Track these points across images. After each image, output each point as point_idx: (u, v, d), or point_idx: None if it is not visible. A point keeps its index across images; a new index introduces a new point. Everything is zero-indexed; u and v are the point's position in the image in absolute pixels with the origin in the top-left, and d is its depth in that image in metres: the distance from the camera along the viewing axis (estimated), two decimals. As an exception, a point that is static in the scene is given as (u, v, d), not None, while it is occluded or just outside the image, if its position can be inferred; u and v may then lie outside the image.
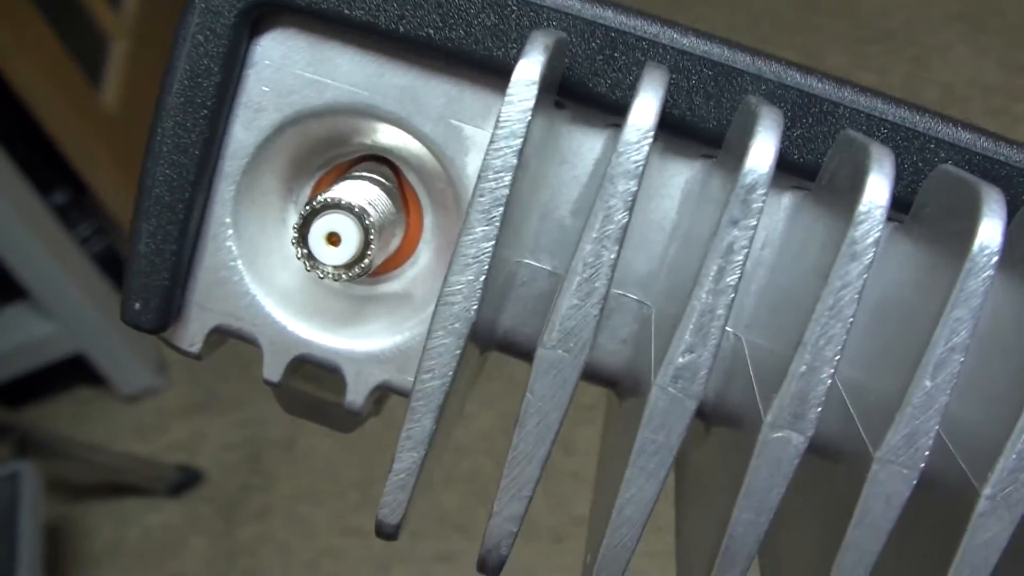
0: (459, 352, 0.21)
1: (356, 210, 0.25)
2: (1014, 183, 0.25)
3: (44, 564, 1.13)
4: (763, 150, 0.21)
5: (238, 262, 0.27)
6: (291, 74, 0.26)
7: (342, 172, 0.28)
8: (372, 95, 0.26)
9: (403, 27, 0.25)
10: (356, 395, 0.28)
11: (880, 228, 0.21)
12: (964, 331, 0.21)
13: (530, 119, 0.21)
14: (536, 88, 0.21)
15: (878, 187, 0.21)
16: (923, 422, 0.21)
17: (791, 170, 0.25)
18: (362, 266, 0.25)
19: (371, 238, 0.25)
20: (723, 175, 0.23)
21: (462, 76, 0.26)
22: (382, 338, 0.27)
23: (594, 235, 0.21)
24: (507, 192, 0.21)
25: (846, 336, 0.21)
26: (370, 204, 0.26)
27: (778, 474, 0.21)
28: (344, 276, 0.25)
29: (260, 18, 0.26)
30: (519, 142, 0.21)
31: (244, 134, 0.27)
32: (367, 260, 0.25)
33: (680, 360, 0.21)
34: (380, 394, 0.28)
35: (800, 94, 0.25)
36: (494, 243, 0.21)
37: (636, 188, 0.21)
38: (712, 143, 0.25)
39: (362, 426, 0.30)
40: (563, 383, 0.22)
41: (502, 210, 0.21)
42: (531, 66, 0.21)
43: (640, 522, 0.22)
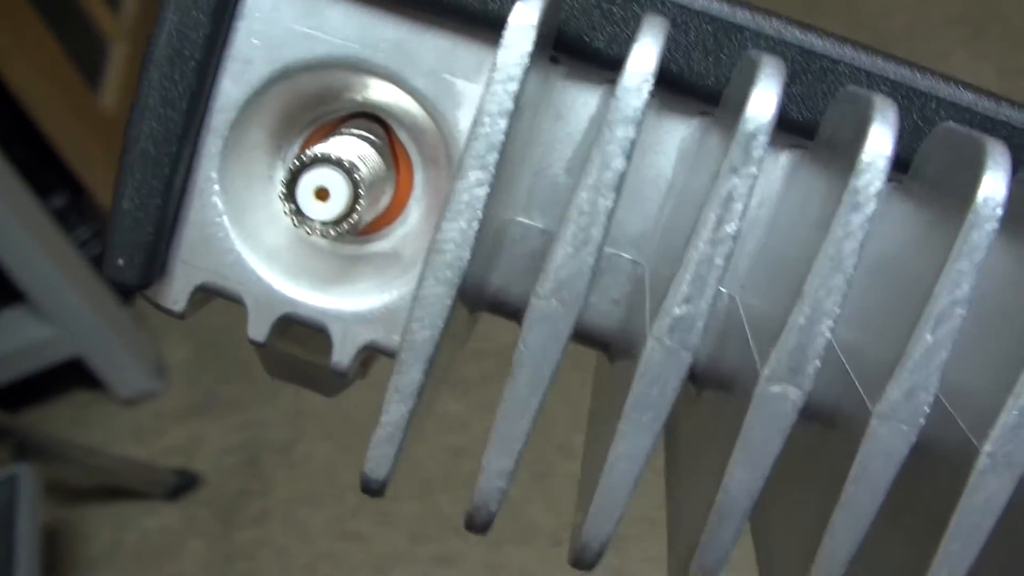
0: (450, 302, 0.21)
1: (346, 165, 0.25)
2: (1015, 144, 0.25)
3: (42, 567, 1.12)
4: (766, 97, 0.20)
5: (224, 218, 0.27)
6: (281, 27, 0.26)
7: (332, 129, 0.27)
8: (363, 48, 0.26)
9: None
10: (342, 355, 0.27)
11: (883, 178, 0.20)
12: (966, 284, 0.20)
13: (527, 64, 0.20)
14: (534, 32, 0.20)
15: (882, 136, 0.20)
16: (924, 377, 0.21)
17: (789, 128, 0.25)
18: (350, 222, 0.25)
19: (360, 194, 0.25)
20: (721, 130, 0.22)
21: (455, 30, 0.25)
22: (370, 297, 0.27)
23: (591, 182, 0.20)
24: (503, 138, 0.20)
25: (847, 288, 0.20)
26: (360, 159, 0.25)
27: (775, 429, 0.21)
28: (332, 232, 0.25)
29: None
30: (516, 86, 0.20)
31: (232, 88, 0.26)
32: (355, 216, 0.25)
33: (676, 311, 0.21)
34: (367, 355, 0.27)
35: (800, 51, 0.24)
36: (488, 190, 0.21)
37: (635, 135, 0.20)
38: (710, 100, 0.25)
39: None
40: (556, 334, 0.21)
41: (497, 156, 0.20)
42: (529, 10, 0.20)
43: (632, 478, 0.21)
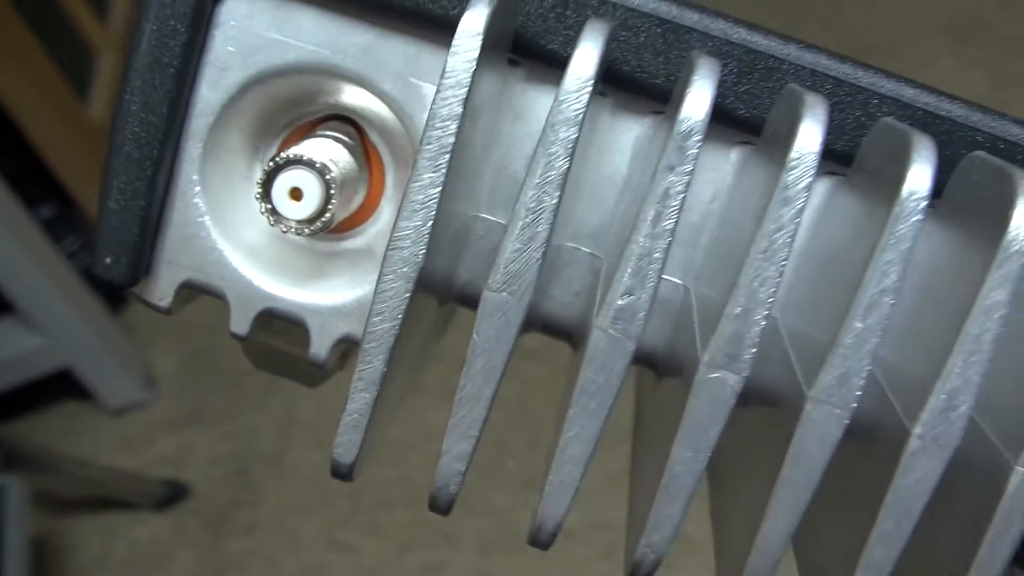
0: (408, 295, 0.22)
1: (318, 166, 0.26)
2: (956, 137, 0.26)
3: (30, 578, 1.13)
4: (698, 98, 0.22)
5: (206, 218, 0.28)
6: (255, 34, 0.27)
7: (307, 131, 0.29)
8: (333, 54, 0.27)
9: None
10: (320, 347, 0.28)
11: (812, 173, 0.21)
12: (894, 273, 0.21)
13: (475, 69, 0.21)
14: (480, 39, 0.21)
15: (810, 133, 0.21)
16: (855, 362, 0.22)
17: (739, 125, 0.26)
18: (323, 220, 0.26)
19: (332, 193, 0.26)
20: (667, 128, 0.24)
21: (420, 35, 0.27)
22: (344, 292, 0.28)
23: (536, 181, 0.22)
24: (453, 140, 0.22)
25: (779, 278, 0.22)
26: (332, 161, 0.26)
27: (715, 413, 0.22)
28: (306, 230, 0.26)
29: None
30: (464, 91, 0.21)
31: (210, 93, 0.27)
32: (328, 215, 0.26)
33: (619, 302, 0.22)
34: (344, 347, 0.29)
35: (746, 51, 0.26)
36: (440, 189, 0.22)
37: (576, 135, 0.21)
38: (662, 99, 0.26)
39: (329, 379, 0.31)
40: (507, 324, 0.22)
41: (448, 157, 0.22)
42: (476, 17, 0.22)
43: (583, 460, 0.23)
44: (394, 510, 1.28)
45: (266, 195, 0.26)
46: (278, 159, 0.26)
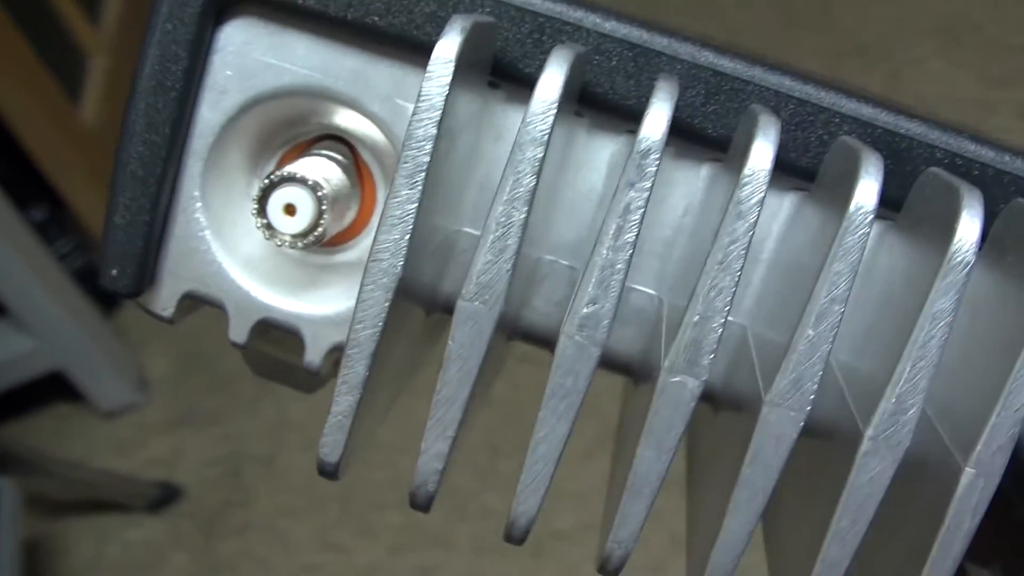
0: (387, 304, 0.24)
1: (310, 183, 0.27)
2: (915, 154, 0.27)
3: (23, 581, 1.13)
4: (656, 118, 0.23)
5: (206, 232, 0.30)
6: (252, 59, 0.29)
7: (303, 149, 0.30)
8: (325, 78, 0.29)
9: (351, 14, 0.27)
10: (314, 355, 0.30)
11: (763, 189, 0.23)
12: (843, 283, 0.23)
13: (448, 93, 0.23)
14: (452, 65, 0.23)
15: (762, 151, 0.23)
16: (808, 367, 0.23)
17: (708, 143, 0.27)
18: (316, 235, 0.28)
19: (324, 209, 0.28)
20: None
21: (407, 59, 0.28)
22: (337, 303, 0.30)
23: (505, 197, 0.23)
24: (428, 160, 0.23)
25: (735, 288, 0.23)
26: (324, 179, 0.28)
27: (676, 415, 0.24)
28: (300, 244, 0.28)
29: (223, 7, 0.28)
30: (438, 114, 0.23)
31: (210, 114, 0.29)
32: (320, 229, 0.28)
33: (584, 311, 0.23)
34: (337, 355, 0.30)
35: (713, 73, 0.27)
36: (417, 205, 0.23)
37: (542, 154, 0.23)
38: (634, 119, 0.27)
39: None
40: (480, 332, 0.24)
41: (424, 175, 0.23)
42: (448, 45, 0.23)
43: (552, 459, 0.24)
44: (386, 512, 1.29)
45: (262, 210, 0.28)
46: (273, 177, 0.27)
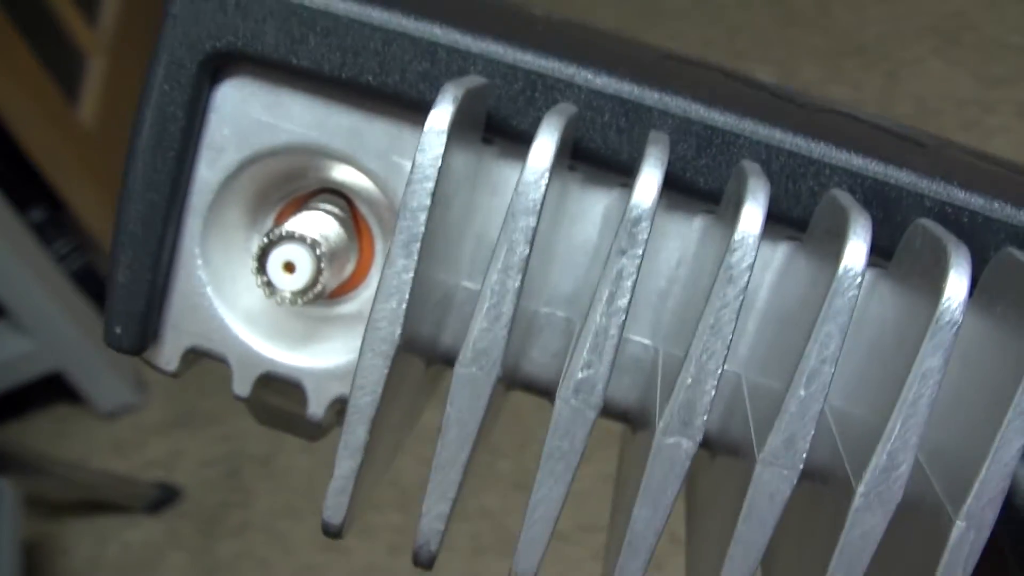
0: (387, 371, 0.24)
1: (308, 241, 0.28)
2: (904, 203, 0.27)
3: (22, 582, 1.14)
4: (646, 185, 0.23)
5: (207, 289, 0.30)
6: (249, 117, 0.29)
7: (301, 203, 0.31)
8: (322, 135, 0.29)
9: (345, 74, 0.28)
10: (317, 408, 0.30)
11: (753, 254, 0.23)
12: (833, 345, 0.23)
13: (441, 165, 0.23)
14: (445, 136, 0.23)
15: (751, 216, 0.23)
16: (800, 427, 0.23)
17: (700, 195, 0.28)
18: (315, 291, 0.28)
19: (322, 266, 0.28)
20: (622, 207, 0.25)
21: (401, 117, 0.29)
22: (338, 355, 0.30)
23: (499, 266, 0.24)
24: (423, 230, 0.23)
25: (727, 351, 0.23)
26: (322, 235, 0.28)
27: (672, 475, 0.24)
28: (300, 301, 0.28)
29: (219, 67, 0.29)
30: (431, 184, 0.23)
31: (208, 173, 0.29)
32: (320, 286, 0.28)
33: (579, 375, 0.24)
34: (339, 406, 0.31)
35: (704, 127, 0.27)
36: (413, 274, 0.24)
37: (535, 223, 0.23)
38: (626, 173, 0.28)
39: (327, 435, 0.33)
40: (478, 397, 0.24)
41: (419, 245, 0.24)
42: (441, 116, 0.23)
43: (551, 519, 0.24)
44: (385, 512, 1.28)
45: (261, 269, 0.28)
46: (271, 235, 0.28)
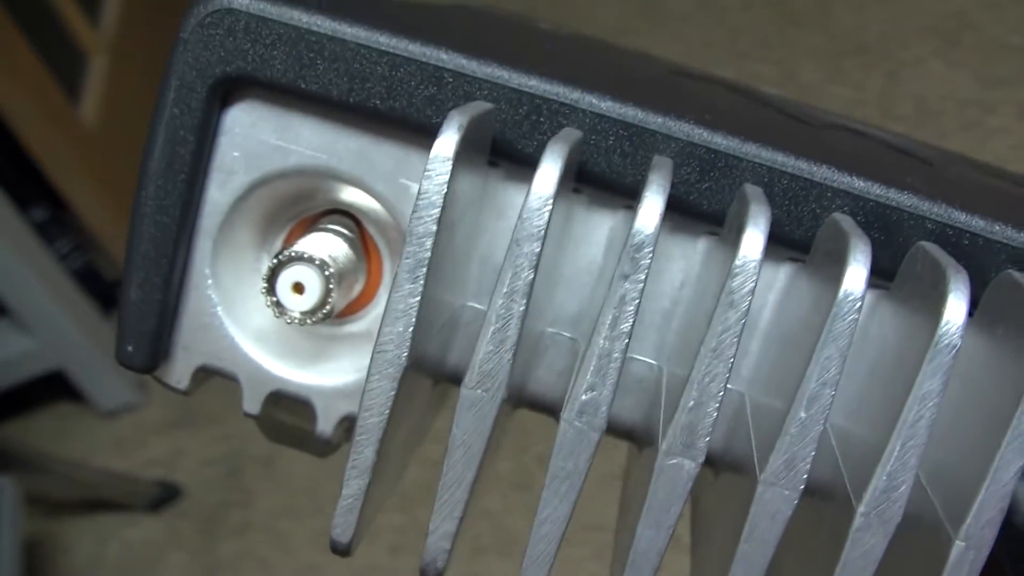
0: (393, 393, 0.24)
1: (317, 262, 0.28)
2: (906, 225, 0.28)
3: (23, 579, 1.14)
4: (649, 212, 0.24)
5: (218, 308, 0.31)
6: (258, 140, 0.30)
7: (310, 223, 0.31)
8: (330, 158, 0.29)
9: (353, 98, 0.28)
10: (326, 425, 0.31)
11: (754, 278, 0.23)
12: (834, 368, 0.23)
13: (447, 191, 0.24)
14: (451, 163, 0.24)
15: (753, 242, 0.23)
16: (800, 448, 0.24)
17: (704, 218, 0.28)
18: (324, 312, 0.29)
19: (331, 287, 0.28)
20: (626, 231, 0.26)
21: (408, 140, 0.29)
22: (347, 374, 0.31)
23: (504, 290, 0.24)
24: (429, 255, 0.24)
25: (728, 374, 0.24)
26: (331, 256, 0.29)
27: (674, 495, 0.24)
28: (309, 321, 0.29)
29: (229, 92, 0.29)
30: (437, 211, 0.24)
31: (219, 195, 0.30)
32: (329, 306, 0.29)
33: (583, 397, 0.24)
34: (348, 424, 0.31)
35: (707, 151, 0.28)
36: (419, 298, 0.24)
37: (540, 248, 0.24)
38: (631, 196, 0.28)
39: (342, 449, 0.33)
40: (483, 418, 0.25)
41: (425, 270, 0.24)
42: (446, 143, 0.24)
43: (556, 538, 0.25)
44: (386, 512, 1.28)
45: (271, 290, 0.28)
46: (281, 256, 0.28)
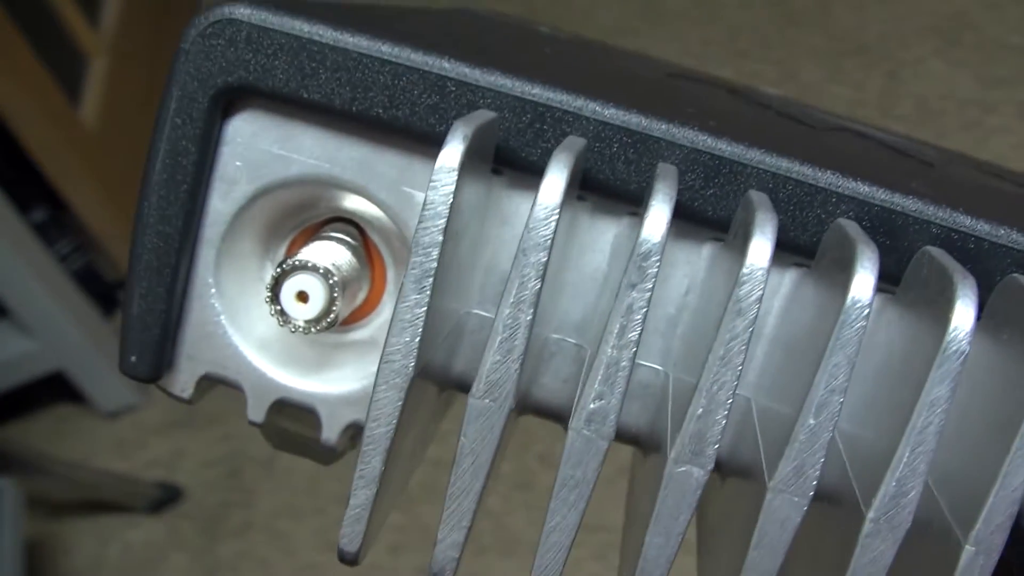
0: (401, 403, 0.24)
1: (321, 271, 0.28)
2: (911, 230, 0.28)
3: (24, 581, 1.14)
4: (655, 220, 0.24)
5: (221, 317, 0.31)
6: (260, 150, 0.29)
7: (314, 232, 0.31)
8: (333, 167, 0.29)
9: (356, 107, 0.28)
10: (330, 433, 0.31)
11: (762, 287, 0.23)
12: (842, 375, 0.23)
13: (452, 201, 0.24)
14: (456, 174, 0.24)
15: (760, 250, 0.23)
16: (809, 456, 0.24)
17: (709, 224, 0.28)
18: (328, 320, 0.28)
19: (335, 296, 0.28)
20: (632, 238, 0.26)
21: (411, 148, 0.29)
22: (351, 382, 0.31)
23: (511, 300, 0.24)
24: (435, 265, 0.24)
25: (736, 381, 0.24)
26: (335, 264, 0.29)
27: (683, 503, 0.24)
28: (313, 330, 0.28)
29: (231, 101, 0.29)
30: (443, 222, 0.24)
31: (221, 204, 0.30)
32: (333, 315, 0.28)
33: (592, 406, 0.24)
34: (353, 432, 0.31)
35: (711, 157, 0.28)
36: (426, 308, 0.24)
37: (546, 258, 0.24)
38: (635, 202, 0.28)
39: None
40: (491, 428, 0.25)
41: (431, 280, 0.24)
42: (451, 154, 0.24)
43: (564, 547, 0.25)
44: None
45: (275, 299, 0.28)
46: (284, 265, 0.28)
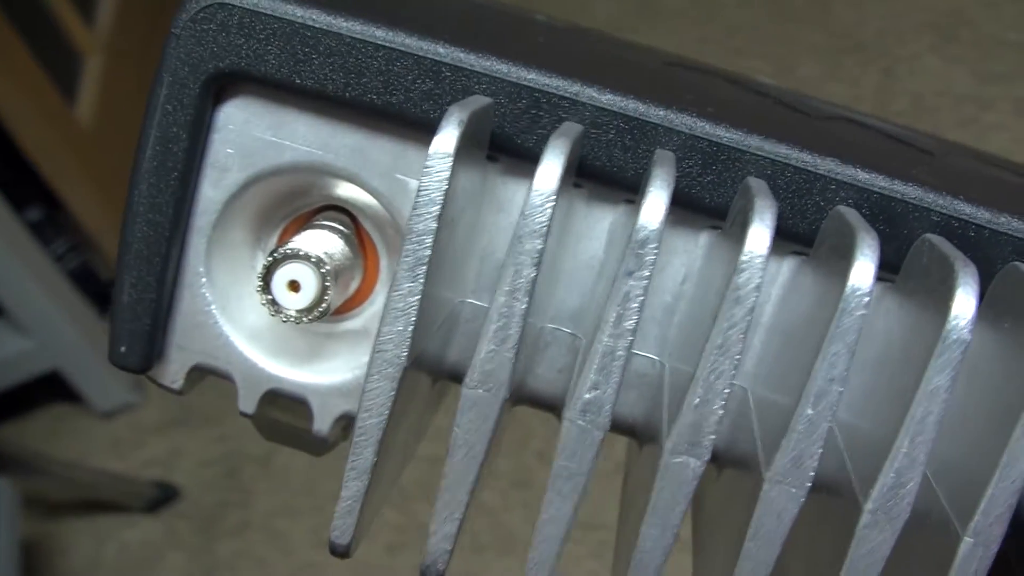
0: (393, 393, 0.24)
1: (313, 259, 0.28)
2: (911, 217, 0.27)
3: (21, 581, 1.14)
4: (652, 207, 0.23)
5: (212, 307, 0.30)
6: (252, 137, 0.29)
7: (306, 220, 0.31)
8: (326, 154, 0.29)
9: (349, 93, 0.28)
10: (322, 424, 0.30)
11: (760, 274, 0.23)
12: (841, 364, 0.23)
13: (447, 187, 0.23)
14: (451, 160, 0.23)
15: (759, 238, 0.23)
16: (807, 446, 0.23)
17: (706, 211, 0.28)
18: (320, 310, 0.28)
19: (327, 285, 0.28)
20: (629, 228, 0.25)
21: (405, 135, 0.28)
22: (343, 372, 0.30)
23: (506, 288, 0.24)
24: (429, 253, 0.23)
25: (735, 371, 0.23)
26: (327, 253, 0.28)
27: (679, 494, 0.24)
28: (305, 319, 0.28)
29: (222, 88, 0.29)
30: (437, 208, 0.23)
31: (212, 192, 0.29)
32: (325, 304, 0.28)
33: (587, 396, 0.24)
34: (344, 422, 0.31)
35: (709, 143, 0.27)
36: (419, 297, 0.24)
37: (542, 246, 0.23)
38: (632, 190, 0.28)
39: (340, 448, 0.33)
40: (485, 418, 0.24)
41: (425, 268, 0.24)
42: (446, 139, 0.23)
43: (558, 538, 0.24)
44: (384, 510, 1.29)
45: (266, 288, 0.28)
46: (276, 254, 0.28)
